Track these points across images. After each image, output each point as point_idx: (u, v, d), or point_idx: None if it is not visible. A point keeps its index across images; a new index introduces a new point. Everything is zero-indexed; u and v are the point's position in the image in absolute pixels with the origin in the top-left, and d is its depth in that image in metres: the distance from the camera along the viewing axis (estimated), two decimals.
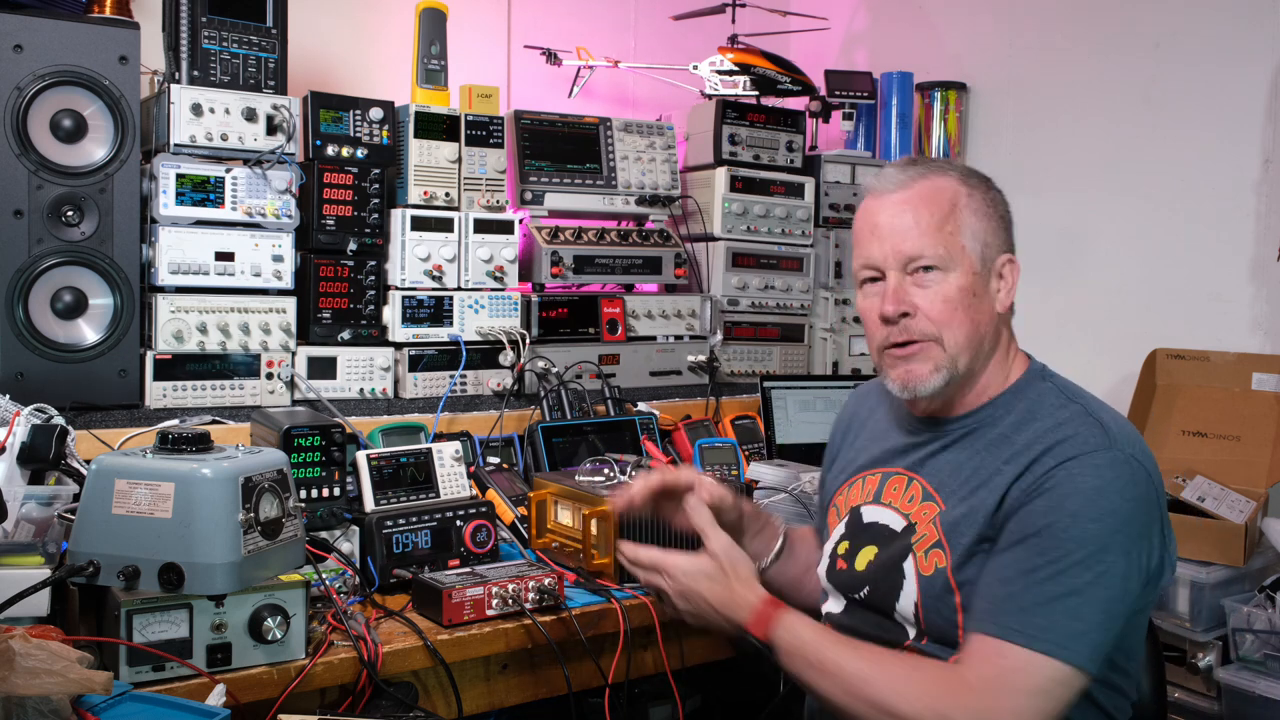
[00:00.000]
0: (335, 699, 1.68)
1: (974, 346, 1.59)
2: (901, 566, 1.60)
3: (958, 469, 1.62)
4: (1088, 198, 3.20)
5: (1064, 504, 1.45)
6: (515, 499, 2.33)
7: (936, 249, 1.57)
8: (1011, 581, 1.45)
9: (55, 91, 2.24)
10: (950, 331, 1.58)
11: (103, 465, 1.54)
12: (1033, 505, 1.48)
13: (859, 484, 1.76)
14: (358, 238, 2.61)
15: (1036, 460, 1.50)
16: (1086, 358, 3.09)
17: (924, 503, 1.63)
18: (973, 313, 1.58)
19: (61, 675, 1.25)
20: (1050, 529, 1.45)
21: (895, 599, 1.60)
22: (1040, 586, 1.43)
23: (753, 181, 3.23)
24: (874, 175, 1.68)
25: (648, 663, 2.01)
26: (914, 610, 1.58)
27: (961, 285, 1.57)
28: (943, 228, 1.57)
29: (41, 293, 2.26)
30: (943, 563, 1.56)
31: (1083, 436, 1.50)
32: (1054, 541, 1.44)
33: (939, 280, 1.57)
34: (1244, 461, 2.62)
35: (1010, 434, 1.58)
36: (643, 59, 3.49)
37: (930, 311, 1.58)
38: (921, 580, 1.57)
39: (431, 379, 2.68)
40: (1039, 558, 1.44)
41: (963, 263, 1.58)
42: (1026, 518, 1.48)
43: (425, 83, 2.74)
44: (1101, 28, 3.16)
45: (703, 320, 3.13)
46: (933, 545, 1.58)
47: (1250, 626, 2.28)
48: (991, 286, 1.61)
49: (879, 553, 1.66)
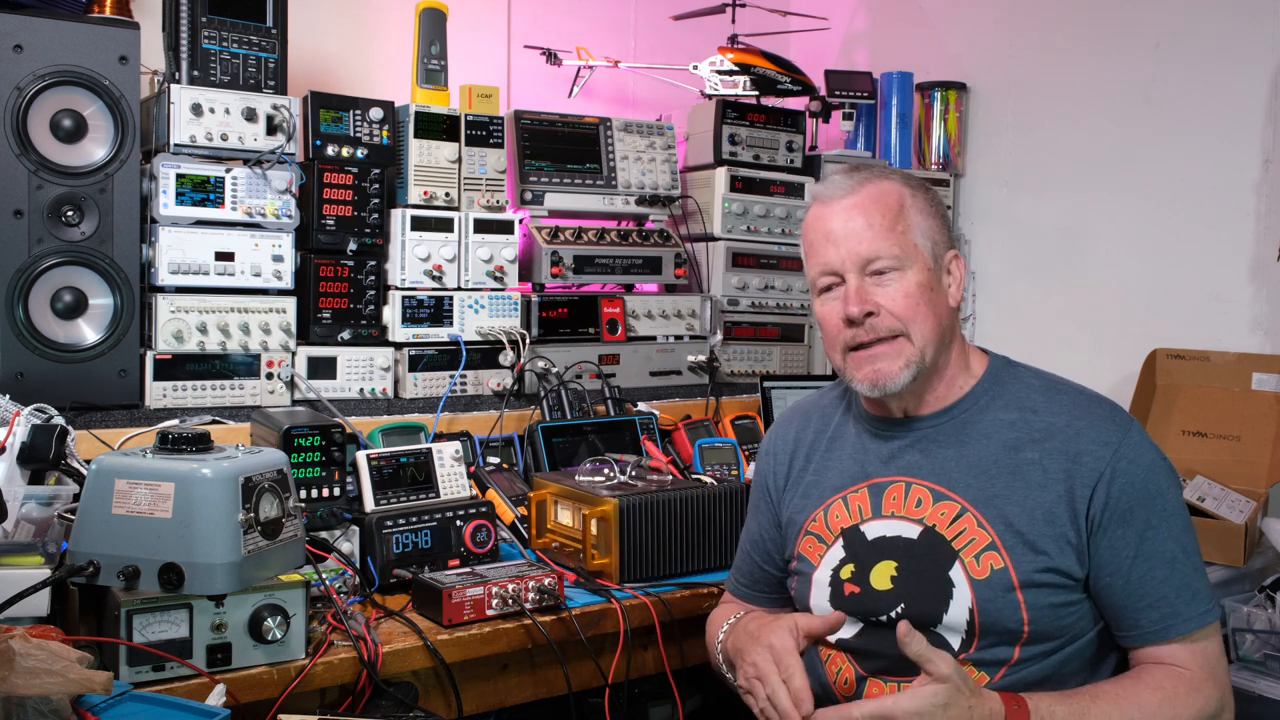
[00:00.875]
0: (335, 699, 1.68)
1: (938, 339, 1.63)
2: (947, 575, 1.57)
3: (965, 464, 1.61)
4: (1088, 198, 3.20)
5: (1147, 489, 1.55)
6: (515, 499, 2.33)
7: (892, 249, 1.61)
8: (1169, 579, 1.54)
9: (55, 91, 2.24)
10: (916, 325, 1.61)
11: (103, 465, 1.54)
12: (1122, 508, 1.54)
13: (839, 504, 1.71)
14: (358, 238, 2.61)
15: (1083, 456, 1.56)
16: (1086, 358, 3.09)
17: (937, 504, 1.61)
18: (934, 306, 1.63)
19: (61, 675, 1.25)
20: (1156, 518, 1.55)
21: (943, 610, 1.56)
22: (1183, 569, 1.55)
23: (753, 181, 3.23)
24: (820, 183, 1.73)
25: (648, 663, 2.01)
26: (968, 617, 1.55)
27: (919, 281, 1.62)
28: (894, 227, 1.62)
29: (41, 293, 2.26)
30: (999, 564, 1.54)
31: (1104, 419, 1.60)
32: (1165, 525, 1.55)
33: (897, 279, 1.61)
34: (1244, 461, 2.62)
35: (1018, 422, 1.62)
36: (643, 59, 3.49)
37: (894, 308, 1.61)
38: (976, 586, 1.55)
39: (431, 379, 2.68)
40: (1167, 545, 1.54)
41: (917, 260, 1.62)
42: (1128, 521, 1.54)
43: (425, 83, 2.74)
44: (1101, 28, 3.16)
45: (703, 320, 3.13)
46: (985, 548, 1.56)
47: (1250, 626, 2.28)
48: (943, 282, 1.66)
49: (902, 565, 1.61)
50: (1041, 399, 1.64)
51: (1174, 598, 1.53)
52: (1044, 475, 1.57)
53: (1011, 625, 1.53)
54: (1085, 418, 1.60)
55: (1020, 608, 1.53)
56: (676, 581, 2.07)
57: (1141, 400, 2.82)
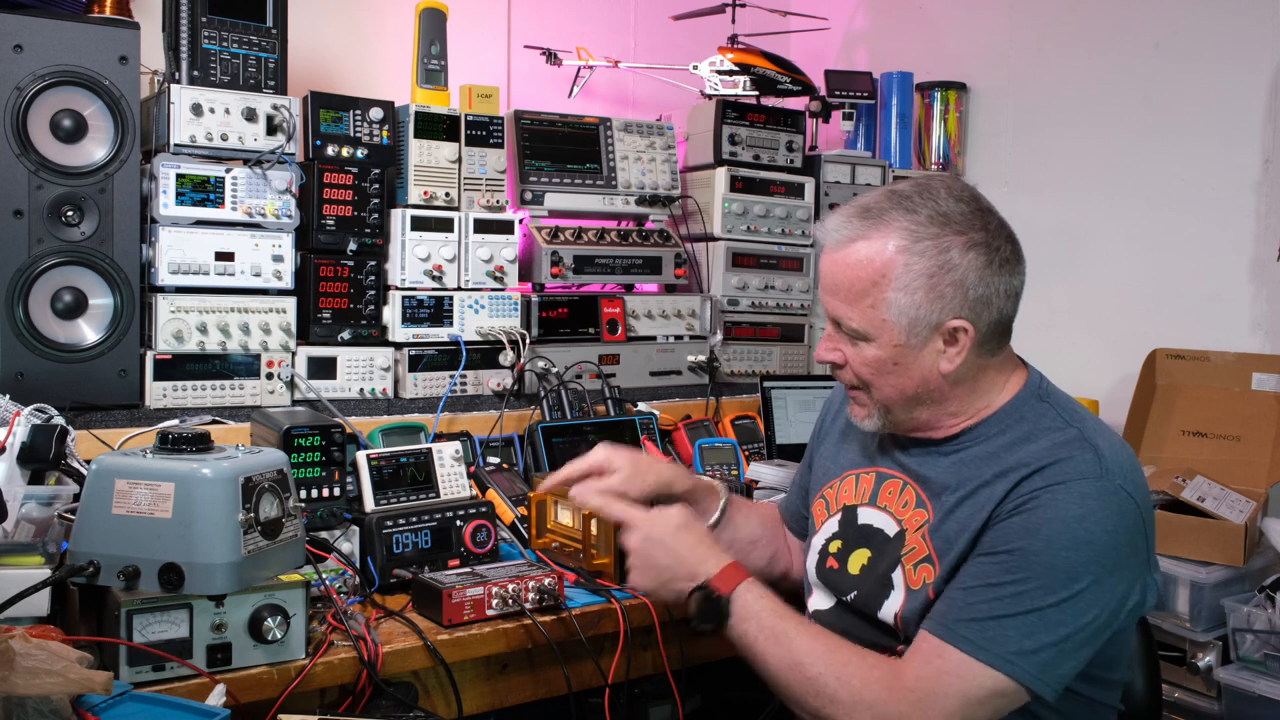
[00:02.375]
0: (335, 699, 1.68)
1: (905, 402, 1.61)
2: (891, 576, 1.61)
3: (949, 481, 1.61)
4: (1088, 198, 3.20)
5: (1041, 528, 1.44)
6: (515, 499, 2.33)
7: (854, 319, 1.57)
8: (972, 591, 1.46)
9: (55, 91, 2.24)
10: (875, 390, 1.62)
11: (103, 465, 1.54)
12: (1010, 522, 1.48)
13: (851, 481, 1.76)
14: (358, 238, 2.61)
15: (1025, 479, 1.49)
16: (1086, 358, 3.09)
17: (916, 509, 1.64)
18: (896, 378, 1.58)
19: (61, 675, 1.25)
20: (1022, 551, 1.44)
21: (879, 606, 1.62)
22: (999, 601, 1.43)
23: (753, 181, 3.23)
24: (829, 215, 1.65)
25: (648, 663, 2.01)
26: (894, 620, 1.59)
27: (878, 356, 1.57)
28: (860, 301, 1.56)
29: (41, 293, 2.26)
30: (930, 578, 1.56)
31: (1075, 461, 1.48)
32: (1023, 562, 1.44)
33: (862, 345, 1.60)
34: (1244, 461, 2.62)
35: (1002, 452, 1.56)
36: (643, 59, 3.49)
37: (856, 369, 1.62)
38: (909, 593, 1.58)
39: (431, 379, 2.68)
40: (1005, 575, 1.44)
41: (883, 334, 1.56)
42: (1002, 533, 1.48)
43: (425, 83, 2.74)
44: (1101, 28, 3.16)
45: (703, 320, 3.13)
46: (922, 559, 1.58)
47: (1250, 626, 2.28)
48: (928, 350, 1.56)
49: (872, 558, 1.66)
50: (1043, 431, 1.56)
51: (960, 606, 1.45)
52: (988, 495, 1.53)
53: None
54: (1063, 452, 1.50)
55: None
56: None
57: (1141, 400, 2.82)
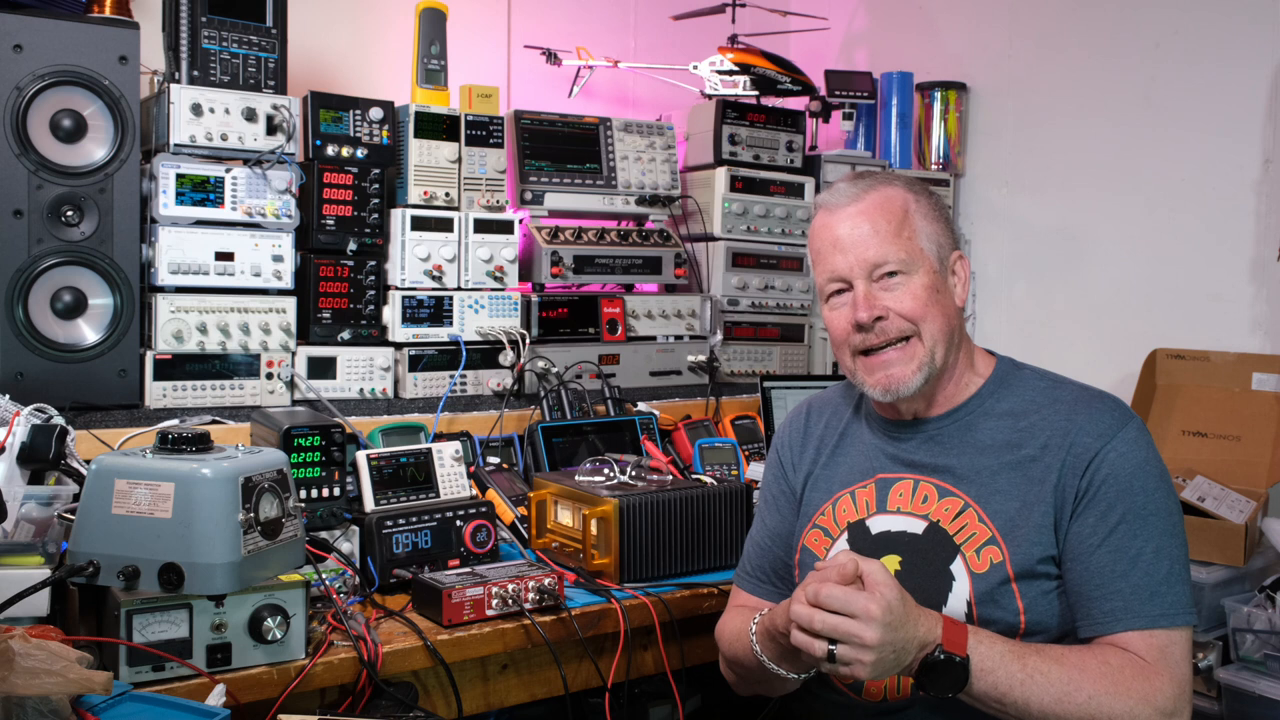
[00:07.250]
0: (335, 699, 1.68)
1: (947, 338, 1.66)
2: (949, 569, 1.61)
3: (969, 462, 1.65)
4: (1088, 198, 3.19)
5: (1131, 482, 1.55)
6: (515, 499, 2.34)
7: (899, 254, 1.64)
8: (1129, 574, 1.53)
9: (55, 91, 2.24)
10: (926, 325, 1.64)
11: (103, 465, 1.54)
12: (1101, 495, 1.55)
13: (848, 499, 1.75)
14: (358, 238, 2.61)
15: (1075, 445, 1.58)
16: (1086, 358, 3.09)
17: (941, 500, 1.65)
18: (941, 307, 1.66)
19: (61, 675, 1.25)
20: (1134, 512, 1.54)
21: (943, 601, 1.60)
22: (1153, 568, 1.53)
23: (753, 181, 3.23)
24: (825, 191, 1.76)
25: (648, 663, 2.01)
26: (966, 609, 1.59)
27: (926, 284, 1.65)
28: (900, 233, 1.65)
29: (41, 293, 2.26)
30: (998, 558, 1.58)
31: (1103, 413, 1.61)
32: (1141, 523, 1.54)
33: (905, 282, 1.65)
34: (1244, 461, 2.62)
35: (1019, 423, 1.64)
36: (643, 59, 3.49)
37: (903, 310, 1.64)
38: (975, 578, 1.59)
39: (431, 379, 2.68)
40: (1135, 540, 1.53)
41: (923, 263, 1.65)
42: (1100, 509, 1.55)
43: (425, 83, 2.74)
44: (1101, 28, 3.16)
45: (703, 320, 3.13)
46: (986, 542, 1.60)
47: (1250, 626, 2.28)
48: (949, 282, 1.69)
49: (906, 560, 1.65)
50: (1045, 397, 1.67)
51: (1129, 593, 1.52)
52: (1043, 469, 1.60)
53: (1009, 617, 1.57)
54: (1085, 411, 1.62)
55: (1015, 598, 1.57)
56: (676, 581, 2.07)
57: (1141, 400, 2.82)
